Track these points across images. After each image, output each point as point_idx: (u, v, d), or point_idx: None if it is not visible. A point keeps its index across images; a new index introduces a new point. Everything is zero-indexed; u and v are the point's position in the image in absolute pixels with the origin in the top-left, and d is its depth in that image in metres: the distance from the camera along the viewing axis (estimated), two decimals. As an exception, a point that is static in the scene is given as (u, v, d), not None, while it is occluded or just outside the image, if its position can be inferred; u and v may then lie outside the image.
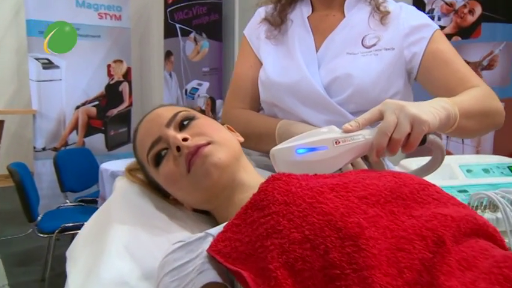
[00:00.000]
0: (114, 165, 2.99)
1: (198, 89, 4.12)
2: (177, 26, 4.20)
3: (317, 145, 0.70)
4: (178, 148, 0.74)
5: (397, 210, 0.57)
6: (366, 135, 0.72)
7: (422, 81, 1.02)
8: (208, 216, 0.82)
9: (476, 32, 2.47)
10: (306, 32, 1.07)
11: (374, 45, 1.01)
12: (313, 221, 0.52)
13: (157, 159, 0.77)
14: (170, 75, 4.36)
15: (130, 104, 4.46)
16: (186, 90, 4.18)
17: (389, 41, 1.00)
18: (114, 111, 4.37)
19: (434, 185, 0.65)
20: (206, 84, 4.05)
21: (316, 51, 1.05)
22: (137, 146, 0.82)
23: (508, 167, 1.65)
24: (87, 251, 0.74)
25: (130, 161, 0.92)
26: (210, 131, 0.77)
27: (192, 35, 4.08)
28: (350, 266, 0.47)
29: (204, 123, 0.79)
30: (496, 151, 2.42)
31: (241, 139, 0.86)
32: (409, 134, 0.70)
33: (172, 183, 0.76)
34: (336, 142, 0.70)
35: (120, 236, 0.72)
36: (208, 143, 0.74)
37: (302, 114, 1.02)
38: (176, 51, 4.25)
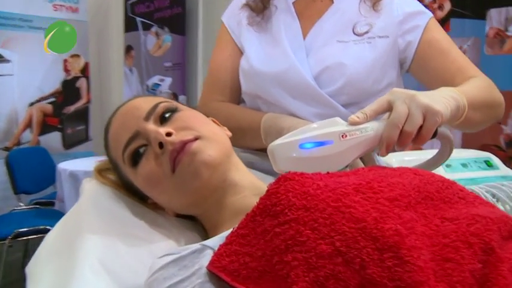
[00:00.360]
0: (73, 165, 2.81)
1: (160, 84, 3.97)
2: (138, 19, 4.03)
3: (322, 139, 0.62)
4: (160, 144, 0.64)
5: (427, 212, 0.49)
6: (374, 127, 0.64)
7: (416, 71, 0.97)
8: (193, 222, 0.73)
9: (445, 28, 2.47)
10: (292, 18, 0.99)
11: (366, 32, 0.94)
12: (344, 230, 0.43)
13: (135, 158, 0.67)
14: (131, 70, 4.18)
15: (89, 101, 4.24)
16: (147, 86, 4.01)
17: (383, 29, 0.94)
18: (71, 108, 4.14)
19: (456, 183, 0.59)
20: (168, 80, 3.90)
21: (303, 39, 0.97)
22: (110, 143, 0.72)
23: (485, 161, 1.63)
24: (53, 267, 0.62)
25: (90, 160, 0.81)
26: (196, 125, 0.67)
27: (153, 29, 3.92)
28: (393, 282, 0.39)
29: (189, 115, 0.69)
30: (465, 145, 2.43)
31: (229, 133, 0.76)
32: (420, 126, 0.64)
33: (154, 185, 0.66)
34: (342, 136, 0.63)
35: (94, 249, 0.61)
36: (196, 138, 0.65)
37: (289, 106, 0.94)
38: (137, 46, 4.08)
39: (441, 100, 0.68)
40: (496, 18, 2.36)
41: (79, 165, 2.80)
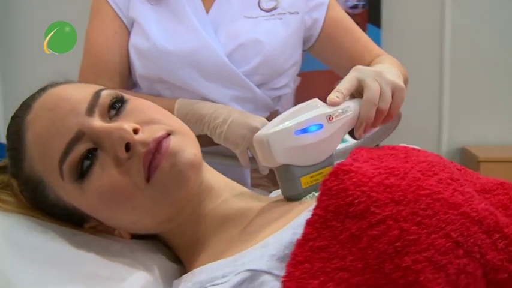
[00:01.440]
0: None
1: None
2: None
3: (313, 123, 0.56)
4: (127, 146, 0.47)
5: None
6: (351, 107, 0.60)
7: (320, 50, 0.96)
8: (153, 242, 0.57)
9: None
10: None
11: (274, 8, 0.89)
12: (451, 219, 0.39)
13: (82, 168, 0.48)
14: None
15: None
16: None
17: (292, 5, 0.90)
18: None
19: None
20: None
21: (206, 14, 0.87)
22: (30, 152, 0.50)
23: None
24: None
25: None
26: (160, 116, 0.53)
27: None
28: None
29: (144, 104, 0.54)
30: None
31: None
32: None
33: (119, 202, 0.48)
34: (329, 118, 0.57)
35: None
36: (168, 134, 0.50)
37: (201, 89, 0.84)
38: None
39: (397, 77, 0.68)
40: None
41: None
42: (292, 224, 0.45)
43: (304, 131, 0.54)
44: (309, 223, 0.41)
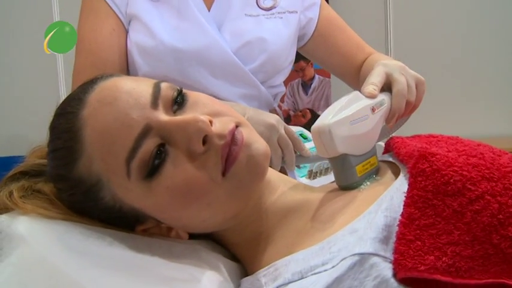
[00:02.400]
0: None
1: None
2: None
3: (362, 114, 0.58)
4: (204, 139, 0.45)
5: None
6: (386, 100, 0.63)
7: (313, 48, 0.98)
8: (207, 241, 0.55)
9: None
10: None
11: (273, 7, 0.90)
12: None
13: (153, 166, 0.45)
14: None
15: None
16: None
17: (290, 4, 0.92)
18: None
19: None
20: None
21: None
22: (89, 150, 0.47)
23: (300, 134, 1.85)
24: None
25: None
26: (224, 108, 0.51)
27: None
28: None
29: (204, 97, 0.53)
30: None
31: None
32: None
33: (197, 198, 0.46)
34: (372, 109, 0.59)
35: None
36: (237, 126, 0.49)
37: (210, 87, 0.83)
38: None
39: None
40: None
41: None
42: (377, 208, 0.45)
43: (358, 120, 0.56)
44: (409, 204, 0.42)
